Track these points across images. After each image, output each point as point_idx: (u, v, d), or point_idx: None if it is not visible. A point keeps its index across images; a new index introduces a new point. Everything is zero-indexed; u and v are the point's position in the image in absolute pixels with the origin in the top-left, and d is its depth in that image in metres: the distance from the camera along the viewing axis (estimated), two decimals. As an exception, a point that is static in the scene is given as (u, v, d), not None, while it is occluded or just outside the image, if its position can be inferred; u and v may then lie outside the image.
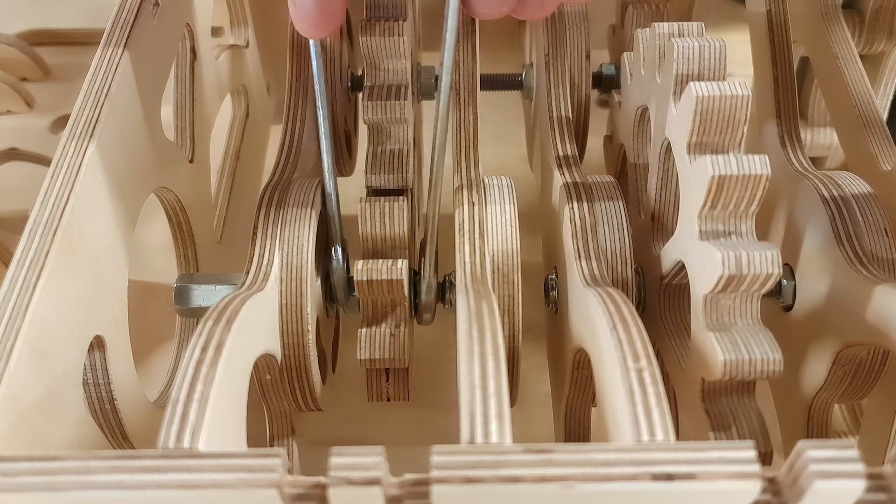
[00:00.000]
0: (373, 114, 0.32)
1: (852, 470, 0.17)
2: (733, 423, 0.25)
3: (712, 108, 0.25)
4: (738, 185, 0.24)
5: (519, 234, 0.31)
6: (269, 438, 0.33)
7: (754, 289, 0.24)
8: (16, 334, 0.23)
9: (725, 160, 0.24)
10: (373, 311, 0.31)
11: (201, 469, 0.17)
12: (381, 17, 0.32)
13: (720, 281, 0.24)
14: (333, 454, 0.17)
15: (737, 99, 0.25)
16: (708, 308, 0.25)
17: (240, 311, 0.24)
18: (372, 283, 0.30)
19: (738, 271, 0.24)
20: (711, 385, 0.25)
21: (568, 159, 0.35)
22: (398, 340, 0.31)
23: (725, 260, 0.23)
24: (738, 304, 0.25)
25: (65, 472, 0.17)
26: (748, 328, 0.25)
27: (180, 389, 0.20)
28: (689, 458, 0.17)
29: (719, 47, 0.27)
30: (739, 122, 0.25)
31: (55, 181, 0.26)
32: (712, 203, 0.24)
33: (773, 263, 0.24)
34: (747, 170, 0.24)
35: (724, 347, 0.24)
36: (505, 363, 0.21)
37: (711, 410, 0.25)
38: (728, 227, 0.25)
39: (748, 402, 0.25)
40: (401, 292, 0.30)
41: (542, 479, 0.17)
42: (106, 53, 0.30)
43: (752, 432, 0.25)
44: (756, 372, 0.24)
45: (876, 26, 0.41)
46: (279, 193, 0.31)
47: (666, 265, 0.29)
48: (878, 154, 0.34)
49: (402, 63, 0.32)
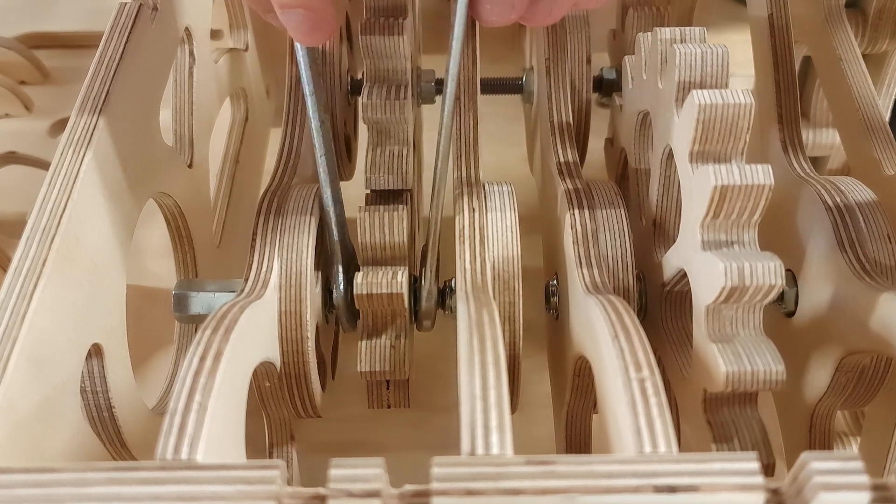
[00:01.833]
0: (372, 113, 0.32)
1: (857, 482, 0.16)
2: (735, 435, 0.25)
3: (715, 116, 0.24)
4: (740, 194, 0.24)
5: (520, 239, 0.31)
6: (269, 446, 0.33)
7: (757, 300, 0.24)
8: (13, 343, 0.22)
9: (728, 169, 0.24)
10: (372, 322, 0.31)
11: (199, 481, 0.17)
12: (381, 16, 0.32)
13: (722, 292, 0.24)
14: (333, 465, 0.17)
15: (739, 107, 0.24)
16: (710, 318, 0.25)
17: (238, 319, 0.23)
18: (372, 296, 0.30)
19: (740, 282, 0.23)
20: (713, 396, 0.25)
21: (569, 164, 0.35)
22: (398, 352, 0.31)
23: (728, 271, 0.23)
24: (741, 315, 0.25)
25: (62, 484, 0.17)
26: (750, 339, 0.25)
27: (178, 400, 0.20)
28: (692, 470, 0.17)
29: (721, 54, 0.26)
30: (742, 131, 0.25)
31: (53, 188, 0.26)
32: (714, 213, 0.24)
33: (775, 275, 0.23)
34: (750, 180, 0.23)
35: (726, 359, 0.24)
36: (506, 373, 0.21)
37: (713, 421, 0.25)
38: (730, 237, 0.25)
39: (750, 413, 0.25)
40: (401, 304, 0.30)
41: (543, 492, 0.17)
42: (104, 57, 0.30)
43: (755, 444, 0.24)
44: (758, 383, 0.24)
45: (879, 26, 0.41)
46: (278, 199, 0.31)
47: (668, 273, 0.29)
48: (881, 158, 0.33)
49: (403, 62, 0.32)
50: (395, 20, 0.32)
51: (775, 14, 0.36)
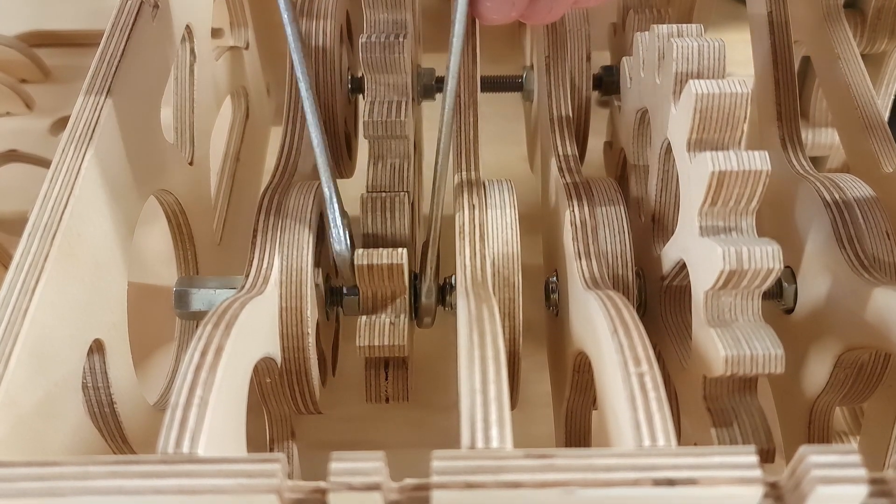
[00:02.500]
0: (374, 131, 0.32)
1: (855, 475, 0.17)
2: (735, 421, 0.25)
3: (712, 105, 0.25)
4: (738, 180, 0.24)
5: (520, 236, 0.31)
6: (269, 441, 0.33)
7: (755, 285, 0.24)
8: (15, 338, 0.23)
9: (725, 156, 0.24)
10: (373, 303, 0.31)
11: (200, 474, 0.17)
12: (382, 32, 0.32)
13: (721, 276, 0.24)
14: (333, 459, 0.17)
15: (736, 96, 0.25)
16: (709, 305, 0.25)
17: (239, 314, 0.24)
18: (373, 267, 0.30)
19: (738, 266, 0.23)
20: (713, 382, 0.25)
21: (569, 161, 0.35)
22: (397, 329, 0.30)
23: (726, 255, 0.23)
24: (739, 301, 0.25)
25: (64, 477, 0.17)
26: (749, 325, 0.25)
27: (179, 394, 0.20)
28: (691, 464, 0.17)
29: (718, 47, 0.27)
30: (739, 120, 0.25)
31: (54, 185, 0.26)
32: (712, 199, 0.24)
33: (774, 258, 0.23)
34: (747, 165, 0.24)
35: (725, 343, 0.24)
36: (505, 368, 0.21)
37: (713, 408, 0.25)
38: (728, 224, 0.25)
39: (750, 399, 0.25)
40: (401, 280, 0.30)
41: (542, 485, 0.17)
42: (105, 55, 0.30)
43: (755, 430, 0.25)
44: (758, 367, 0.24)
45: (878, 26, 0.41)
46: (279, 196, 0.31)
47: (666, 265, 0.29)
48: (879, 156, 0.34)
49: (403, 78, 0.32)
50: (395, 38, 0.32)
51: (774, 13, 0.36)
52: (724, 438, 0.25)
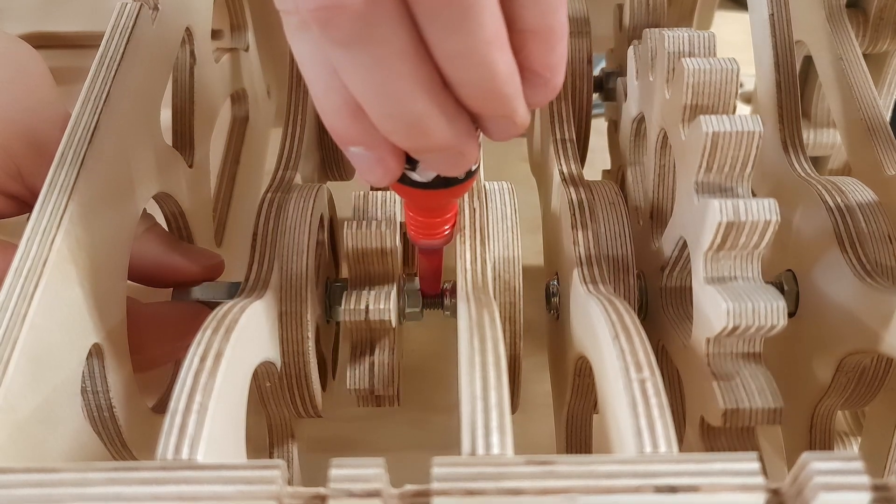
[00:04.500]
0: None
1: (857, 482, 0.16)
2: (741, 383, 0.25)
3: (703, 80, 0.26)
4: (732, 141, 0.25)
5: (520, 239, 0.31)
6: (269, 445, 0.33)
7: (753, 242, 0.24)
8: (13, 344, 0.22)
9: (719, 119, 0.25)
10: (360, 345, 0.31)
11: (200, 481, 0.17)
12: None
13: (719, 229, 0.24)
14: (333, 465, 0.17)
15: (726, 72, 0.26)
16: (708, 267, 0.25)
17: (239, 319, 0.23)
18: (365, 251, 0.29)
19: (735, 218, 0.24)
20: (717, 342, 0.25)
21: (569, 165, 0.35)
22: (386, 369, 0.30)
23: (723, 207, 0.24)
24: (739, 263, 0.25)
25: (62, 484, 0.17)
26: (749, 284, 0.25)
27: (179, 400, 0.20)
28: (693, 470, 0.17)
29: (708, 36, 0.28)
30: (731, 94, 0.27)
31: (53, 188, 0.26)
32: (707, 164, 0.25)
33: (770, 211, 0.24)
34: (740, 126, 0.24)
35: (725, 297, 0.24)
36: (506, 374, 0.21)
37: (718, 372, 0.25)
38: (725, 186, 0.26)
39: (755, 364, 0.25)
40: (394, 260, 0.30)
41: (544, 492, 0.17)
42: (105, 57, 0.30)
43: (760, 389, 0.24)
44: (759, 319, 0.24)
45: (881, 25, 0.41)
46: (279, 199, 0.31)
47: (667, 248, 0.29)
48: (882, 159, 0.33)
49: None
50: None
51: (776, 14, 0.36)
52: (730, 401, 0.24)
